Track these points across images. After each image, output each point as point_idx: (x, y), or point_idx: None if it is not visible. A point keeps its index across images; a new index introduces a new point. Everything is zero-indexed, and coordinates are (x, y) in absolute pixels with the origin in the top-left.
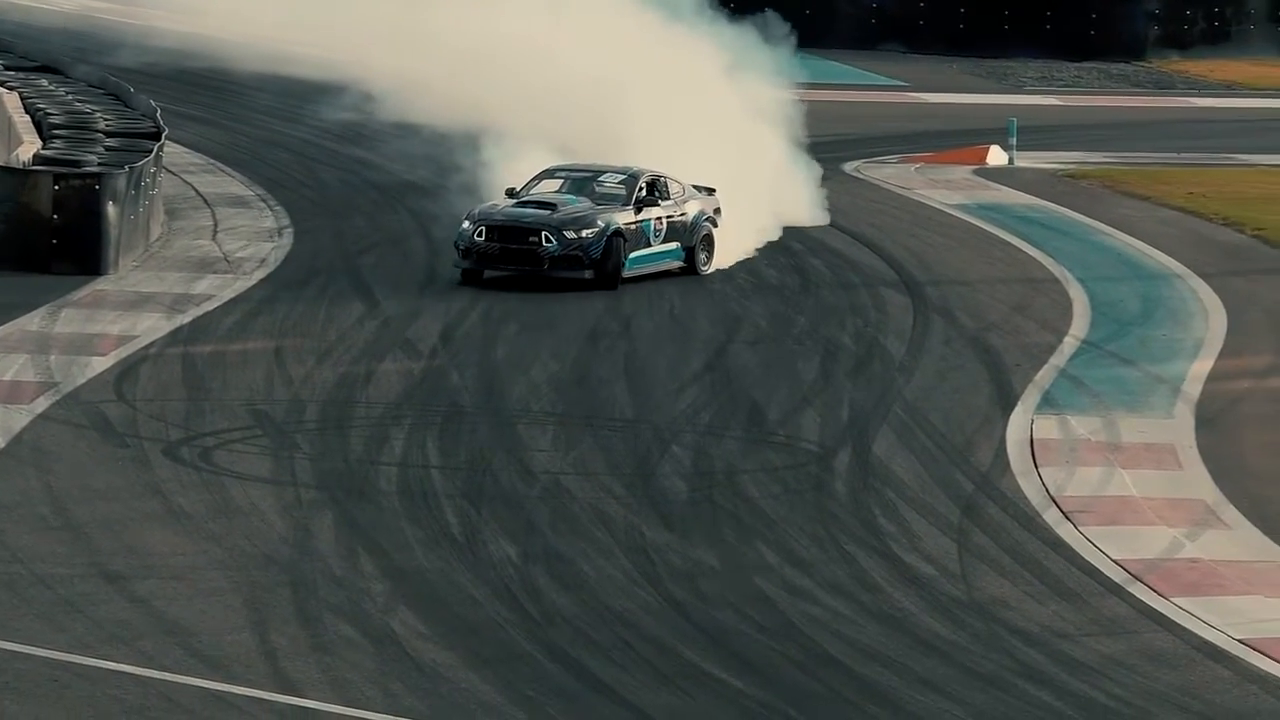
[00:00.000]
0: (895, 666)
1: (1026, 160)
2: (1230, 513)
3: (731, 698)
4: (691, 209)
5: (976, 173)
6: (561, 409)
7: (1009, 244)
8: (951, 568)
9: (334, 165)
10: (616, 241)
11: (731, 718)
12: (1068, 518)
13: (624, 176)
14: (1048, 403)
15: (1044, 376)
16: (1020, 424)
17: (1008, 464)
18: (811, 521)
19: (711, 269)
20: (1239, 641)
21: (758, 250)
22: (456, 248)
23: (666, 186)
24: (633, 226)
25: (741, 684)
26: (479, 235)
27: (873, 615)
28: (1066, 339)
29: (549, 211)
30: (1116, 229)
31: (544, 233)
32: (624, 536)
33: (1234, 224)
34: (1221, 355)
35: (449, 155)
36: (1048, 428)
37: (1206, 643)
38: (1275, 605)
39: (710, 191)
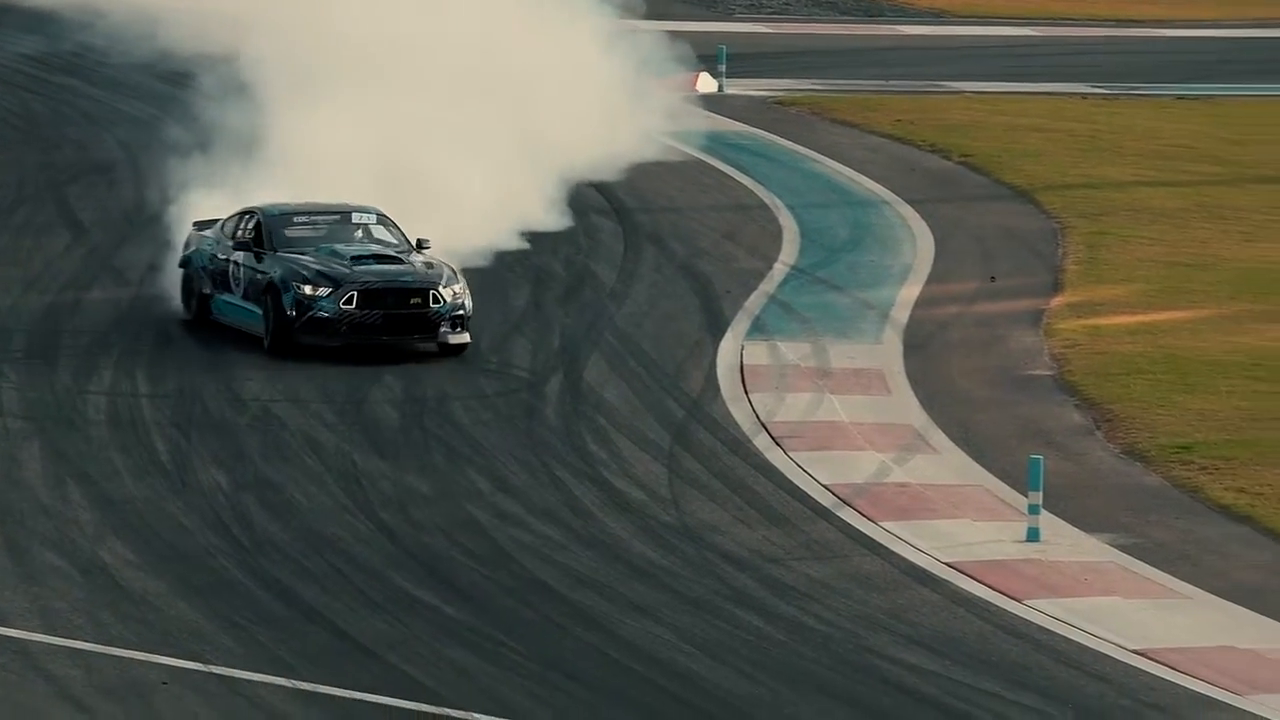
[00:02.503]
0: (606, 592)
1: (736, 88)
2: (938, 437)
3: (443, 624)
4: None
5: (686, 100)
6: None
7: (719, 171)
8: (662, 493)
9: (44, 94)
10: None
11: (443, 644)
12: (777, 443)
13: (376, 215)
14: (758, 329)
15: (754, 303)
16: (730, 350)
17: (718, 390)
18: (522, 448)
19: None
20: (946, 565)
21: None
22: (310, 321)
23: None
24: None
25: (452, 610)
26: (348, 303)
27: (583, 541)
28: (776, 265)
29: (407, 265)
30: (826, 156)
31: (431, 292)
32: (335, 463)
33: (941, 150)
34: (929, 281)
35: (163, 85)
36: (758, 354)
37: (915, 566)
38: (982, 529)
39: None
